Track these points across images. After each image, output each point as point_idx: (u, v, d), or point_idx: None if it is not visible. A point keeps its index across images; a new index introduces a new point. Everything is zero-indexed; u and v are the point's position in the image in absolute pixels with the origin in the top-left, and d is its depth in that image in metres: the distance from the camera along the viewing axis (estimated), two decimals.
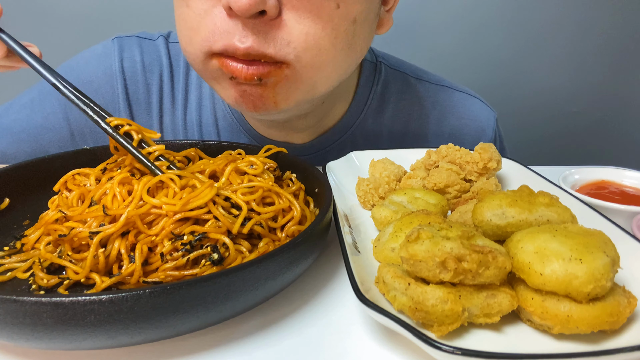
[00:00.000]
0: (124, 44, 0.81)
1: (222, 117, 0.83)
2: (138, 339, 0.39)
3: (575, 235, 0.42)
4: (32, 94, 0.82)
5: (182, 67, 0.83)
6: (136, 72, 0.80)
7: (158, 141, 0.73)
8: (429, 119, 0.90)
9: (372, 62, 0.89)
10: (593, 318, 0.39)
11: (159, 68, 0.81)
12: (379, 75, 0.87)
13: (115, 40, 0.81)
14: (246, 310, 0.45)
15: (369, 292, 0.43)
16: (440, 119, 0.91)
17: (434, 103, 0.91)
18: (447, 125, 0.91)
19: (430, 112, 0.90)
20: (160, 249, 0.49)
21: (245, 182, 0.58)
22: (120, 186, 0.54)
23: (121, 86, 0.80)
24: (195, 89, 0.83)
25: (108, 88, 0.80)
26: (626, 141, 1.93)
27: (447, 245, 0.40)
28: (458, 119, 0.91)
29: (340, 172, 0.74)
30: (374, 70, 0.87)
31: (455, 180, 0.67)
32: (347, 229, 0.57)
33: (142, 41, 0.82)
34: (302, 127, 0.81)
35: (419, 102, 0.90)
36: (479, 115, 0.92)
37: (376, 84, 0.87)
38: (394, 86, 0.89)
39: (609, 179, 0.76)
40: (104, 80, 0.80)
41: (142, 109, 0.82)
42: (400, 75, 0.91)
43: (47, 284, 0.48)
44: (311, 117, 0.79)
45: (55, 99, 0.80)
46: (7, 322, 0.37)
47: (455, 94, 0.93)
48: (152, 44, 0.82)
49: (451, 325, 0.40)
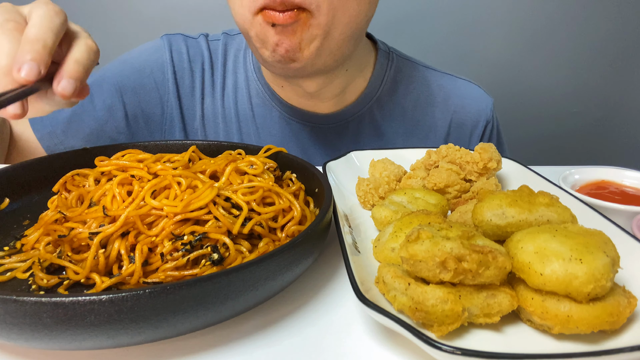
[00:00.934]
0: (172, 40, 0.99)
1: (255, 95, 0.99)
2: (138, 339, 0.39)
3: (575, 235, 0.42)
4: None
5: (220, 58, 1.00)
6: (183, 62, 0.98)
7: (158, 141, 0.73)
8: (436, 99, 1.05)
9: (386, 51, 1.03)
10: (593, 318, 0.39)
11: (201, 59, 0.99)
12: (392, 62, 1.03)
13: (165, 37, 0.99)
14: (246, 310, 0.45)
15: (369, 292, 0.43)
16: (445, 99, 1.05)
17: (440, 86, 1.06)
18: (452, 104, 1.05)
19: (436, 94, 1.05)
20: (160, 249, 0.49)
21: (246, 182, 0.58)
22: (120, 187, 0.54)
23: (171, 73, 0.97)
24: (232, 75, 1.00)
25: (160, 74, 0.97)
26: (626, 141, 1.93)
27: (447, 245, 0.40)
28: (461, 98, 1.05)
29: (340, 172, 0.74)
30: (387, 58, 1.03)
31: (455, 180, 0.67)
32: (347, 229, 0.57)
33: (186, 38, 1.01)
34: (328, 96, 0.95)
35: (426, 85, 1.05)
36: (479, 98, 1.07)
37: (389, 69, 1.02)
38: (405, 71, 1.04)
39: (609, 179, 0.76)
40: (156, 68, 0.97)
41: (187, 93, 0.99)
42: (410, 64, 1.06)
43: (46, 284, 0.48)
44: (336, 85, 0.94)
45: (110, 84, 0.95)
46: (7, 322, 0.37)
47: (458, 81, 1.08)
48: (195, 41, 1.01)
49: (451, 325, 0.40)
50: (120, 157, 0.63)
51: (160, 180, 0.54)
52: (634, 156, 1.93)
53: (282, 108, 0.98)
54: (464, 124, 1.05)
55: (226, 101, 1.00)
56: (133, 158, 0.61)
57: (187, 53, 0.98)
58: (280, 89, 0.97)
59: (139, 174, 0.56)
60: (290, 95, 0.97)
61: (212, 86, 1.00)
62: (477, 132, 1.05)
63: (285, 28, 0.75)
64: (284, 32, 0.75)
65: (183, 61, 0.98)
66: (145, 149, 0.71)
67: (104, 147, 0.70)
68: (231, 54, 1.01)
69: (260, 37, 0.77)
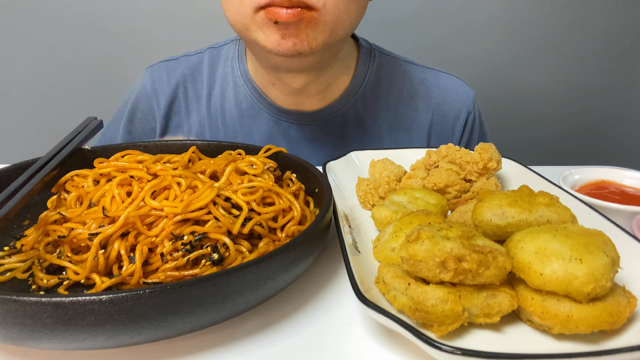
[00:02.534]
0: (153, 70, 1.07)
1: (243, 99, 1.03)
2: (138, 339, 0.39)
3: (575, 235, 0.42)
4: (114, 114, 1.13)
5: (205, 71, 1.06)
6: (164, 87, 1.06)
7: (158, 141, 0.73)
8: (418, 93, 1.07)
9: (367, 48, 1.06)
10: (593, 318, 0.39)
11: (182, 79, 1.06)
12: (374, 58, 1.06)
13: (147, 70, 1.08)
14: (246, 310, 0.45)
15: (369, 292, 0.43)
16: (428, 91, 1.07)
17: (422, 80, 1.08)
18: (434, 96, 1.07)
19: (418, 87, 1.07)
20: (160, 250, 0.49)
21: (246, 182, 0.58)
22: (119, 188, 0.54)
23: (155, 100, 1.06)
24: (219, 84, 1.05)
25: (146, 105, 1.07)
26: (626, 141, 1.92)
27: (447, 245, 0.40)
28: (442, 91, 1.07)
29: (340, 172, 0.74)
30: (369, 55, 1.05)
31: (455, 180, 0.67)
32: (347, 229, 0.57)
33: (167, 63, 1.08)
34: (313, 92, 0.99)
35: (409, 79, 1.07)
36: (460, 90, 1.09)
37: (372, 65, 1.05)
38: (387, 67, 1.07)
39: (609, 179, 0.76)
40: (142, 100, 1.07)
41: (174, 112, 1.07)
42: (392, 59, 1.08)
43: (46, 284, 0.48)
44: (321, 82, 0.97)
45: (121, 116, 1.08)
46: (7, 322, 0.37)
47: (440, 74, 1.10)
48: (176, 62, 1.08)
49: (451, 325, 0.40)
50: (119, 158, 0.63)
51: (160, 181, 0.54)
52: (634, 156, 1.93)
53: (270, 109, 1.02)
54: (446, 115, 1.07)
55: (212, 111, 1.05)
56: (132, 159, 0.61)
57: (166, 79, 1.05)
58: (269, 89, 1.00)
59: (138, 175, 0.56)
60: (278, 95, 1.01)
61: (196, 100, 1.06)
62: (460, 123, 1.07)
63: (288, 26, 0.76)
64: (288, 29, 0.77)
65: (164, 87, 1.05)
66: (146, 149, 0.71)
67: (104, 148, 0.70)
68: (219, 65, 1.06)
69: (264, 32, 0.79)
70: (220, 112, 1.04)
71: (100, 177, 0.59)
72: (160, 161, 0.61)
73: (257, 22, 0.78)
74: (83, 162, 0.65)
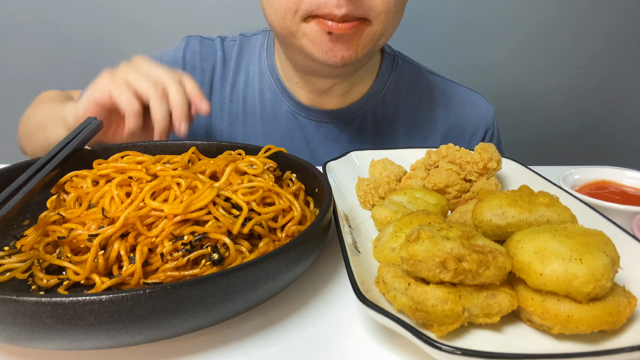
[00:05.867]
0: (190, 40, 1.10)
1: (267, 90, 1.06)
2: (138, 339, 0.39)
3: (575, 235, 0.42)
4: None
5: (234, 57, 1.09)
6: (195, 60, 1.08)
7: (157, 142, 0.73)
8: (437, 104, 1.08)
9: (391, 54, 1.08)
10: (593, 318, 0.39)
11: (213, 58, 1.08)
12: (397, 65, 1.08)
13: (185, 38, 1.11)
14: (246, 310, 0.45)
15: (369, 292, 0.43)
16: (447, 103, 1.08)
17: (442, 91, 1.09)
18: (453, 109, 1.08)
19: (439, 98, 1.08)
20: (160, 250, 0.49)
21: (246, 183, 0.58)
22: (119, 188, 0.54)
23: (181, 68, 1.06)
24: (244, 72, 1.08)
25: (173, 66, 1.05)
26: (626, 141, 1.93)
27: (447, 245, 0.40)
28: (462, 105, 1.08)
29: (340, 172, 0.74)
30: (392, 61, 1.08)
31: (455, 180, 0.67)
32: (347, 229, 0.57)
33: (202, 39, 1.11)
34: (338, 92, 1.01)
35: (429, 89, 1.09)
36: (480, 106, 1.10)
37: (394, 71, 1.07)
38: (409, 74, 1.09)
39: (609, 179, 0.76)
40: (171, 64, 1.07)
41: None
42: (415, 68, 1.11)
43: (46, 285, 0.48)
44: (346, 85, 1.00)
45: None
46: (7, 322, 0.37)
47: (460, 88, 1.11)
48: (211, 42, 1.11)
49: (451, 325, 0.40)
50: (118, 159, 0.63)
51: (159, 182, 0.54)
52: (634, 156, 1.93)
53: (291, 103, 1.04)
54: (463, 129, 1.07)
55: (235, 96, 1.07)
56: (132, 160, 0.61)
57: (199, 52, 1.07)
58: (293, 85, 1.03)
59: (138, 176, 0.56)
60: (301, 92, 1.03)
61: (221, 83, 1.08)
62: (477, 139, 1.08)
63: (342, 37, 0.78)
64: (340, 40, 0.79)
65: (195, 59, 1.07)
66: (146, 149, 0.71)
67: (104, 148, 0.70)
68: (246, 53, 1.08)
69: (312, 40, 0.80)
70: (242, 98, 1.06)
71: (100, 178, 0.59)
72: (160, 162, 0.61)
73: (305, 31, 0.79)
74: (83, 162, 0.65)
